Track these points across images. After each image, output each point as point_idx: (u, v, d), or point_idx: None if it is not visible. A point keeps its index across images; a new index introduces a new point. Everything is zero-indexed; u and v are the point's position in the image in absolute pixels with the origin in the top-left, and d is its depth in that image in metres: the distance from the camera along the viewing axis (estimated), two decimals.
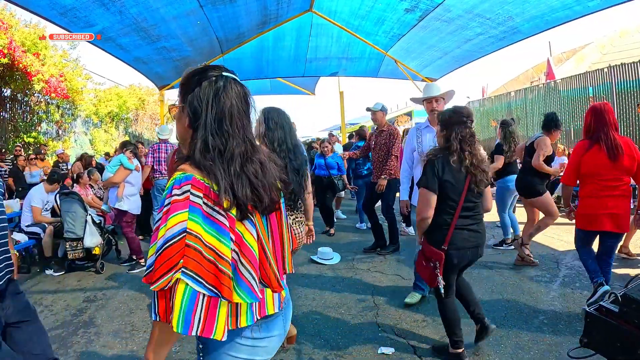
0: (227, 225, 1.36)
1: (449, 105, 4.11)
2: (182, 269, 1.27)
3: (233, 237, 1.38)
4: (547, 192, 5.38)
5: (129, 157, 6.23)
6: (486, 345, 3.46)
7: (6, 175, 9.67)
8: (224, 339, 1.36)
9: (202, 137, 1.41)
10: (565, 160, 10.28)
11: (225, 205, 1.35)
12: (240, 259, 1.40)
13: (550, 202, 5.36)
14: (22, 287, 5.37)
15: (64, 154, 12.53)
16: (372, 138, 6.55)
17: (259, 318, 1.50)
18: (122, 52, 8.41)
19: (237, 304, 1.42)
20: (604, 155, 3.70)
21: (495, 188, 6.58)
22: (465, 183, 3.00)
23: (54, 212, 6.63)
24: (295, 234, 3.45)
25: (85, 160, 10.94)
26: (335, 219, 8.43)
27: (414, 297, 4.47)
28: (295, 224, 3.47)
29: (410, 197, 4.54)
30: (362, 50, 11.35)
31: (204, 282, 1.30)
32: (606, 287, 3.72)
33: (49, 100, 15.17)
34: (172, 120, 15.19)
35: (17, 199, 7.72)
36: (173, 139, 7.59)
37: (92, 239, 5.97)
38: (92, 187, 7.93)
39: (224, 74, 1.49)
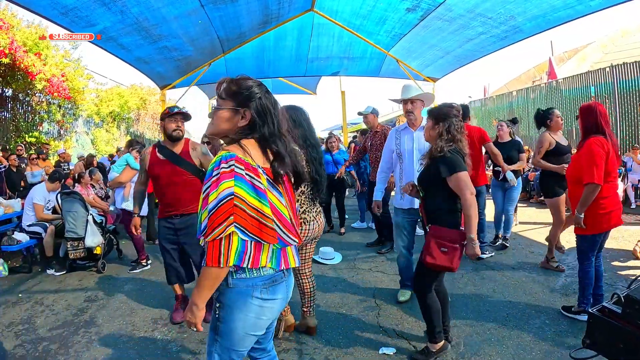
0: (264, 190, 1.81)
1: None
2: (234, 224, 1.72)
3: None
4: (563, 195, 5.20)
5: (135, 157, 6.20)
6: (488, 345, 3.46)
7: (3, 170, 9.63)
8: (268, 265, 1.87)
9: (267, 132, 1.90)
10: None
11: (279, 176, 1.90)
12: (275, 221, 1.85)
13: (561, 207, 5.24)
14: (23, 287, 5.41)
15: (66, 153, 12.54)
16: (368, 139, 6.51)
17: (285, 268, 1.97)
18: (124, 52, 8.41)
19: (274, 251, 1.90)
20: (615, 153, 3.69)
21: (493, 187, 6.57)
22: None
23: (55, 212, 6.62)
24: (316, 225, 3.58)
25: (86, 160, 10.96)
26: (333, 218, 8.40)
27: (405, 295, 4.50)
28: (318, 215, 3.60)
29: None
30: (364, 49, 11.35)
31: (247, 232, 1.76)
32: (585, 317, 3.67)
33: (50, 100, 15.18)
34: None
35: (19, 198, 7.72)
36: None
37: (94, 239, 5.97)
38: (93, 186, 7.93)
39: (266, 87, 1.98)
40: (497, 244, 6.35)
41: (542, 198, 10.34)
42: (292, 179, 2.04)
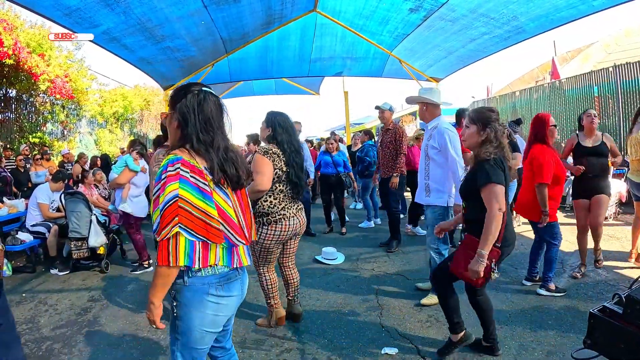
0: (210, 191, 1.87)
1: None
2: (179, 224, 1.76)
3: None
4: (581, 200, 5.16)
5: (134, 158, 6.20)
6: None
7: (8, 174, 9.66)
8: (217, 264, 1.91)
9: (194, 133, 1.91)
10: (570, 160, 10.23)
11: (215, 180, 1.89)
12: (221, 221, 1.90)
13: (577, 212, 5.25)
14: (26, 287, 5.42)
15: (70, 154, 12.57)
16: (379, 136, 6.56)
17: (238, 266, 2.03)
18: (127, 53, 8.43)
19: (223, 250, 1.95)
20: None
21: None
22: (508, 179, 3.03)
23: (59, 212, 6.65)
24: (297, 221, 3.79)
25: (83, 160, 11.01)
26: (333, 219, 8.40)
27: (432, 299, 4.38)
28: (299, 212, 3.81)
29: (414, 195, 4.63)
30: (367, 50, 11.35)
31: (194, 233, 1.80)
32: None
33: (54, 100, 15.20)
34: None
35: (22, 198, 7.75)
36: None
37: (97, 239, 5.99)
38: (97, 187, 7.95)
39: (204, 89, 1.99)
40: None
41: None
42: (229, 182, 1.99)
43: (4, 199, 7.51)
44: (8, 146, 12.27)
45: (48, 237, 6.29)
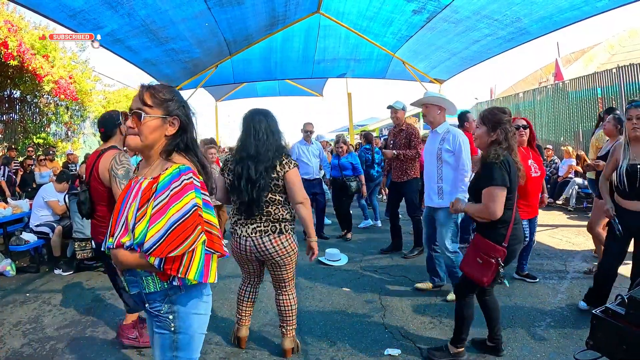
0: (210, 202, 1.87)
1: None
2: (202, 233, 1.73)
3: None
4: (595, 200, 5.19)
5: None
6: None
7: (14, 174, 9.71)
8: (215, 281, 1.86)
9: (193, 143, 1.93)
10: (573, 162, 10.22)
11: (211, 192, 1.91)
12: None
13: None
14: (30, 287, 5.44)
15: (74, 154, 12.62)
16: (391, 136, 6.35)
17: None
18: (131, 54, 8.47)
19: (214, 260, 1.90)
20: None
21: None
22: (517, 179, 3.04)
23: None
24: (252, 245, 3.14)
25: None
26: (326, 222, 8.32)
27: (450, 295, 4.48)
28: (257, 233, 3.14)
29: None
30: (370, 51, 11.37)
31: (206, 246, 1.79)
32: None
33: (58, 101, 15.24)
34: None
35: (27, 199, 7.78)
36: None
37: None
38: None
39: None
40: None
41: (549, 200, 10.33)
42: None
43: (8, 199, 7.53)
44: (12, 146, 12.32)
45: (52, 238, 6.31)
